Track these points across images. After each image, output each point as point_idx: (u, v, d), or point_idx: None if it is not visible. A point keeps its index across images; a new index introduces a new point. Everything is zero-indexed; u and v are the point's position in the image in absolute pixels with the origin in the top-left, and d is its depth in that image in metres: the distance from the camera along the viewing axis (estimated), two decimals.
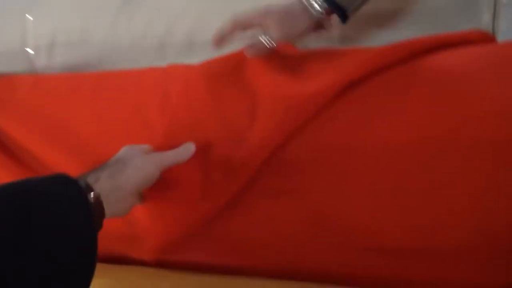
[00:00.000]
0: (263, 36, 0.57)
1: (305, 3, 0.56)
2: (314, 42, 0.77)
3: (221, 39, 0.59)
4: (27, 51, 0.90)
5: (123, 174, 0.50)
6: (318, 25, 0.59)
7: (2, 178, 0.67)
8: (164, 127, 0.60)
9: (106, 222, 0.52)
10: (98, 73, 0.76)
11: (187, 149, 0.56)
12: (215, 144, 0.57)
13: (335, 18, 0.58)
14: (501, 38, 0.71)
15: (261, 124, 0.56)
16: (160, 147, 0.58)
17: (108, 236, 0.63)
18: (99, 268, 0.65)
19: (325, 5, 0.56)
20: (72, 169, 0.64)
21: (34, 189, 0.41)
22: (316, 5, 0.56)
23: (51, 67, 0.90)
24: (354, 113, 0.56)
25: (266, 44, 0.57)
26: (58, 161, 0.65)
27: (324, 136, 0.56)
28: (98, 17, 0.87)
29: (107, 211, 0.47)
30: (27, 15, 0.90)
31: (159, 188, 0.56)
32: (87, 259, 0.42)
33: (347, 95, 0.56)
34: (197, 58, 0.84)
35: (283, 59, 0.63)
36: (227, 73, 0.65)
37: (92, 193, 0.46)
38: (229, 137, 0.57)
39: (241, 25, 0.58)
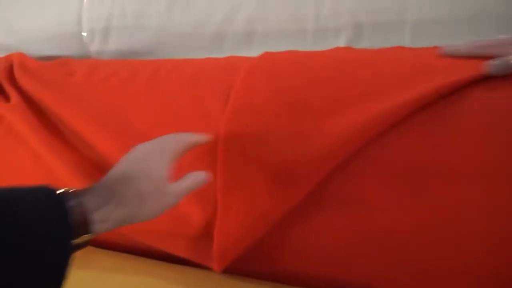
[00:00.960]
0: None
1: None
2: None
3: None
4: (81, 34, 0.89)
5: (140, 213, 0.44)
6: None
7: (54, 162, 0.65)
8: (225, 121, 0.56)
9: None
10: (155, 61, 0.73)
11: (197, 179, 0.49)
12: (280, 143, 0.53)
13: None
14: None
15: (335, 127, 0.51)
16: (220, 141, 0.55)
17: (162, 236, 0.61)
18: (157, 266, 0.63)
19: None
20: None
21: (12, 203, 0.36)
22: None
23: (105, 52, 0.88)
24: (435, 128, 0.51)
25: None
26: (111, 150, 0.62)
27: (398, 150, 0.51)
28: (154, 2, 0.84)
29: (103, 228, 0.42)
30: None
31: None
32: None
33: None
34: (255, 49, 0.80)
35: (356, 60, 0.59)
36: (293, 70, 0.60)
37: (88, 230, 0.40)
38: (295, 134, 0.52)
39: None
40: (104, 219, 0.41)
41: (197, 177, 0.50)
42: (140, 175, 0.45)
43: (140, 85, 0.67)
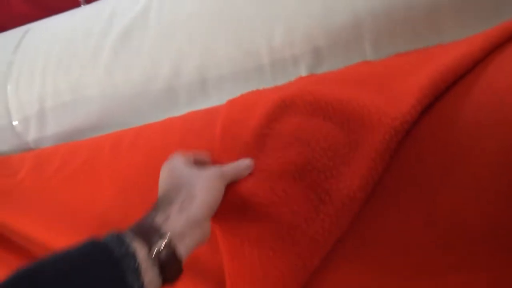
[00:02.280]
0: None
1: None
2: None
3: None
4: (12, 125, 0.79)
5: (194, 203, 0.44)
6: None
7: None
8: None
9: None
10: (110, 136, 0.65)
11: (245, 164, 0.50)
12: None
13: None
14: None
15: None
16: None
17: None
18: None
19: None
20: None
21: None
22: None
23: (45, 138, 0.78)
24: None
25: None
26: None
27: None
28: (88, 71, 0.76)
29: (185, 247, 0.41)
30: (8, 86, 0.78)
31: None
32: None
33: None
34: (212, 96, 0.74)
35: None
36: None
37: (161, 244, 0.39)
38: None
39: None
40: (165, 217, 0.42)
41: (238, 163, 0.50)
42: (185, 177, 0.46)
43: (102, 166, 0.59)
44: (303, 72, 0.70)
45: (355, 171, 0.44)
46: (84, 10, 0.86)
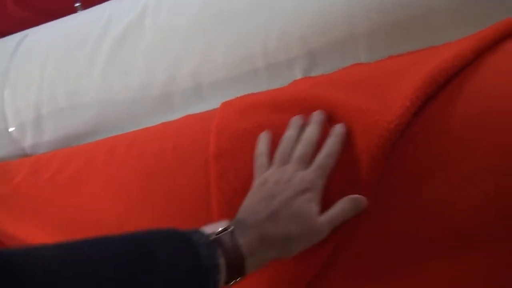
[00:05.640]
0: None
1: None
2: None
3: None
4: (8, 132, 0.79)
5: (287, 252, 0.43)
6: None
7: None
8: (221, 190, 0.49)
9: None
10: (105, 140, 0.65)
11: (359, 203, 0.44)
12: None
13: None
14: None
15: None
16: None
17: None
18: None
19: None
20: None
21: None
22: None
23: (42, 143, 0.78)
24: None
25: None
26: None
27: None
28: (85, 77, 0.76)
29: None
30: (5, 91, 0.79)
31: None
32: None
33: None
34: (207, 101, 0.74)
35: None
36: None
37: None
38: None
39: None
40: (255, 264, 0.41)
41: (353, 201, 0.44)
42: (290, 217, 0.42)
43: (98, 172, 0.59)
44: (298, 75, 0.70)
45: (352, 177, 0.45)
46: (81, 16, 0.87)
